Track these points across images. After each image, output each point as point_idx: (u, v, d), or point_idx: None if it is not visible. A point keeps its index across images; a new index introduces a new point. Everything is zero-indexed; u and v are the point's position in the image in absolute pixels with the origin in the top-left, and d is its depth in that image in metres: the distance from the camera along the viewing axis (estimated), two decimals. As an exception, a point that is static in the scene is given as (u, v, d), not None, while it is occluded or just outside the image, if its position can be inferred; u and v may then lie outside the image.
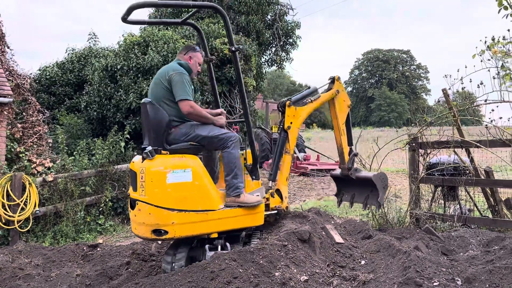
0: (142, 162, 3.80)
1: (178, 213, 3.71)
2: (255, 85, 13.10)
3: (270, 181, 4.66)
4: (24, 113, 7.76)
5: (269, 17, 16.50)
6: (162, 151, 3.89)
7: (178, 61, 4.32)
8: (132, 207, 3.90)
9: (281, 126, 4.72)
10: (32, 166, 6.88)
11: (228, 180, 4.05)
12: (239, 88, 4.18)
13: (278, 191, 4.61)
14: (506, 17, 4.55)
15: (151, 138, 3.96)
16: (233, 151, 4.05)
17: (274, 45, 17.14)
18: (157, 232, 3.71)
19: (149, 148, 3.78)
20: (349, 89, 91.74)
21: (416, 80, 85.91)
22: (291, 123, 4.68)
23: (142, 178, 3.76)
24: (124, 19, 4.06)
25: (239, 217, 4.01)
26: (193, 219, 3.78)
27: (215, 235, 3.97)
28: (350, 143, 5.29)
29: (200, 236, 4.05)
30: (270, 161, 16.06)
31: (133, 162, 4.00)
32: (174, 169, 3.76)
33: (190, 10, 13.30)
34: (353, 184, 5.26)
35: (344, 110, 5.16)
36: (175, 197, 3.74)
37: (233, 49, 4.08)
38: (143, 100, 4.15)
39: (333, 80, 5.07)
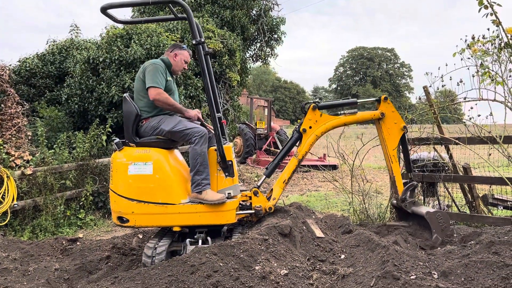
0: (114, 153, 4.06)
1: (138, 204, 3.92)
2: (239, 80, 13.06)
3: (264, 176, 4.61)
4: (2, 105, 7.59)
5: (254, 12, 16.45)
6: (130, 144, 4.07)
7: (161, 57, 4.39)
8: None
9: (297, 127, 4.57)
10: (10, 159, 6.73)
11: (191, 176, 4.07)
12: (204, 81, 4.17)
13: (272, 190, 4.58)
14: (486, 16, 4.63)
15: (125, 131, 4.16)
16: (196, 147, 4.03)
17: (259, 41, 17.11)
18: (120, 219, 3.98)
19: (117, 140, 4.01)
20: (334, 86, 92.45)
21: (399, 78, 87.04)
22: (310, 127, 4.48)
23: (111, 168, 4.07)
24: (116, 21, 4.30)
25: (203, 213, 4.02)
26: (152, 210, 3.93)
27: (177, 229, 4.05)
28: (408, 169, 4.89)
29: (163, 228, 4.27)
30: (253, 156, 16.07)
31: None
32: (135, 161, 3.94)
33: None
34: (413, 216, 4.68)
35: (394, 134, 4.62)
36: (135, 188, 3.93)
37: (194, 42, 4.10)
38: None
39: (379, 100, 4.65)
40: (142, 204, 3.91)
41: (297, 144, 4.63)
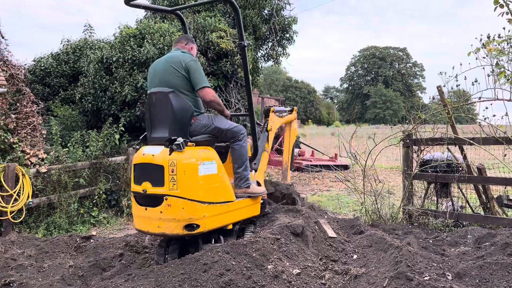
0: (169, 154, 3.55)
1: (208, 206, 3.67)
2: (251, 79, 13.06)
3: (253, 172, 4.80)
4: (18, 104, 7.70)
5: (266, 11, 16.43)
6: (189, 143, 3.74)
7: (181, 50, 4.16)
8: (148, 204, 3.70)
9: (265, 126, 5.13)
10: (25, 157, 6.84)
11: (239, 172, 4.10)
12: (246, 82, 4.24)
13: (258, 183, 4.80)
14: (502, 15, 4.57)
15: (174, 129, 3.75)
16: (244, 144, 4.14)
17: (270, 40, 17.08)
18: (189, 227, 3.60)
19: (180, 139, 3.59)
20: (345, 85, 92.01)
21: (411, 78, 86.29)
22: (271, 127, 5.12)
23: (173, 171, 3.55)
24: (127, 1, 4.07)
25: (247, 207, 4.15)
26: (218, 211, 3.79)
27: (230, 227, 4.03)
28: (291, 167, 5.91)
29: (221, 228, 4.01)
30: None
31: (151, 154, 3.71)
32: (203, 161, 3.69)
33: (188, 1, 13.21)
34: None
35: (294, 134, 5.77)
36: (205, 190, 3.68)
37: (245, 44, 4.10)
38: (158, 89, 3.88)
39: (292, 110, 5.72)
40: (212, 205, 3.70)
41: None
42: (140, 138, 4.21)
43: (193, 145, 3.75)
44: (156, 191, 3.62)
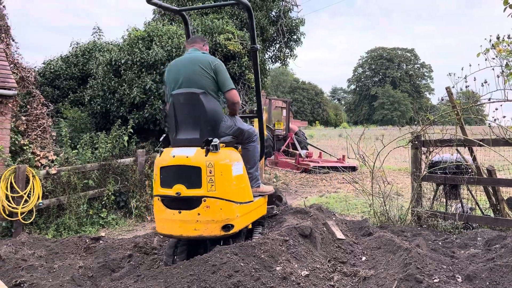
0: (206, 155, 3.52)
1: (240, 206, 3.69)
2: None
3: None
4: (28, 106, 7.79)
5: (273, 13, 16.45)
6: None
7: (201, 51, 4.14)
8: (181, 207, 3.62)
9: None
10: (35, 159, 6.92)
11: (251, 173, 4.12)
12: (256, 85, 4.30)
13: None
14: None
15: (206, 130, 3.74)
16: (257, 145, 4.20)
17: (278, 42, 17.08)
18: (226, 228, 3.56)
19: (216, 140, 3.56)
20: (352, 87, 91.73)
21: (419, 79, 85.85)
22: None
23: (211, 172, 3.51)
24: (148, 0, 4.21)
25: (262, 206, 4.23)
26: (246, 210, 3.82)
27: (250, 226, 4.07)
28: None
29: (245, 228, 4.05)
30: (272, 157, 16.08)
31: (185, 156, 3.62)
32: (234, 161, 3.69)
33: (195, 2, 13.27)
34: None
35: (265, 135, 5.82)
36: (237, 190, 3.70)
37: (257, 47, 4.16)
38: (187, 90, 3.80)
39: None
40: (242, 205, 3.72)
41: None
42: (161, 140, 4.03)
43: (223, 146, 3.73)
44: (193, 193, 3.55)
